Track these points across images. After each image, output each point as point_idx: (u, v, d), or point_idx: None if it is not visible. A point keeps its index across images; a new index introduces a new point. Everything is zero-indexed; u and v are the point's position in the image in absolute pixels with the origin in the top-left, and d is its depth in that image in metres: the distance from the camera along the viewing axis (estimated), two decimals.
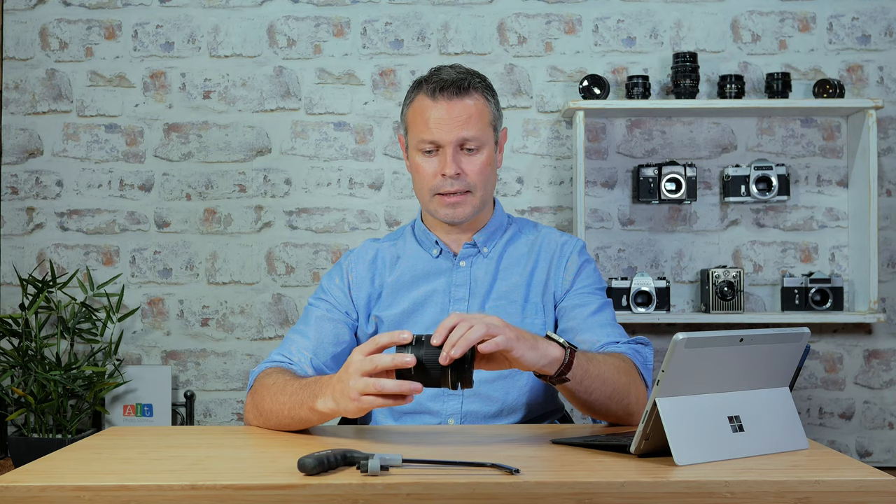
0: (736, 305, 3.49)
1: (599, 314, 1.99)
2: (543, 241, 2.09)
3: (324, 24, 3.66)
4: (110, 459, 1.51)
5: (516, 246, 2.08)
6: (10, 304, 3.63)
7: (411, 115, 2.00)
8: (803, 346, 1.57)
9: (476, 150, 1.96)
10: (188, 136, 3.66)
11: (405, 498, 1.30)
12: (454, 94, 1.95)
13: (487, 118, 1.98)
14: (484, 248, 2.05)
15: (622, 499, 1.30)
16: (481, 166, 1.97)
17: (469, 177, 1.96)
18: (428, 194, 1.99)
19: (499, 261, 2.05)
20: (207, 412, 3.65)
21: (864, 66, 3.64)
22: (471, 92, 1.96)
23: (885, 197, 3.62)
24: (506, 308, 2.01)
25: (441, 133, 1.94)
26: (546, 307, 2.02)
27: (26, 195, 3.66)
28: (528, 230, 2.12)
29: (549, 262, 2.05)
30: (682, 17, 3.66)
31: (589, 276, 2.06)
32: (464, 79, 1.96)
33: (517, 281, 2.03)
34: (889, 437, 3.64)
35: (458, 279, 2.04)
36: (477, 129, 1.95)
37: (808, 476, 1.33)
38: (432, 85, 1.96)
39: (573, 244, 2.08)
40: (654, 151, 3.65)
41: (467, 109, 1.95)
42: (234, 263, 3.65)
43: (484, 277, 2.03)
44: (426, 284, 2.04)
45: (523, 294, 2.02)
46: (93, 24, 3.66)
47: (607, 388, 1.74)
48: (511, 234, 2.09)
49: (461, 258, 2.05)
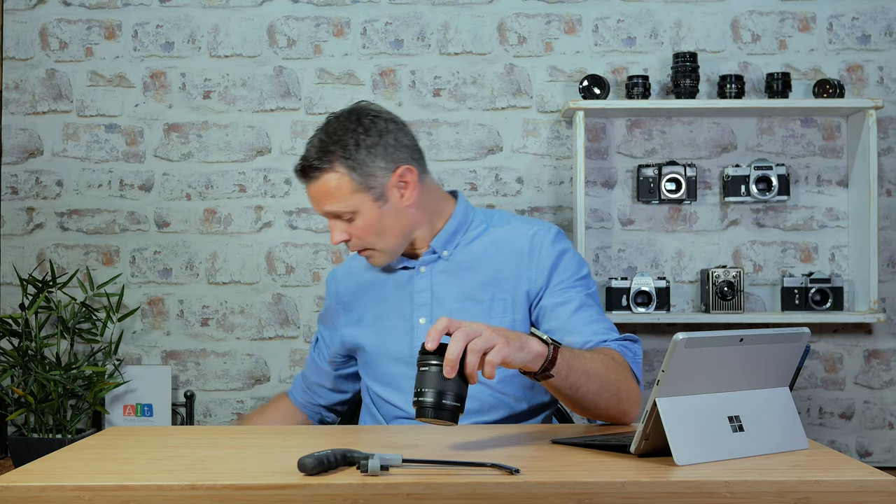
0: (736, 305, 3.49)
1: (583, 311, 1.96)
2: (511, 234, 2.05)
3: (324, 24, 3.66)
4: (110, 459, 1.51)
5: (481, 243, 2.05)
6: (10, 304, 3.63)
7: None
8: (803, 346, 1.57)
9: (351, 217, 1.97)
10: (188, 136, 3.66)
11: (405, 498, 1.30)
12: (306, 180, 1.97)
13: (346, 189, 1.95)
14: (444, 251, 2.04)
15: (622, 499, 1.30)
16: (365, 228, 1.97)
17: (358, 238, 1.99)
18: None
19: (462, 260, 2.04)
20: (207, 412, 3.65)
21: (864, 66, 3.64)
22: (322, 171, 1.95)
23: (885, 197, 3.62)
24: (471, 309, 1.99)
25: (314, 207, 2.00)
26: (517, 304, 1.99)
27: (26, 195, 3.66)
28: (498, 223, 2.08)
29: (517, 256, 2.02)
30: (682, 17, 3.66)
31: (566, 267, 2.01)
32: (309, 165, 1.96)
33: (482, 279, 2.01)
34: (889, 437, 3.64)
35: (420, 286, 2.03)
36: (335, 204, 1.96)
37: (808, 476, 1.33)
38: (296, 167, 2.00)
39: (543, 235, 2.03)
40: (654, 151, 3.65)
41: (321, 189, 1.96)
42: (234, 263, 3.65)
43: (446, 280, 2.03)
44: (391, 297, 2.06)
45: (489, 292, 2.00)
46: (93, 24, 3.66)
47: (594, 384, 1.73)
48: (477, 231, 2.06)
49: (421, 264, 2.05)
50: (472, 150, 3.64)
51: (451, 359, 1.51)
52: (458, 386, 1.51)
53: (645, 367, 3.64)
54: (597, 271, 3.63)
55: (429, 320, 2.00)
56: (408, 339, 2.02)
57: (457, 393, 1.51)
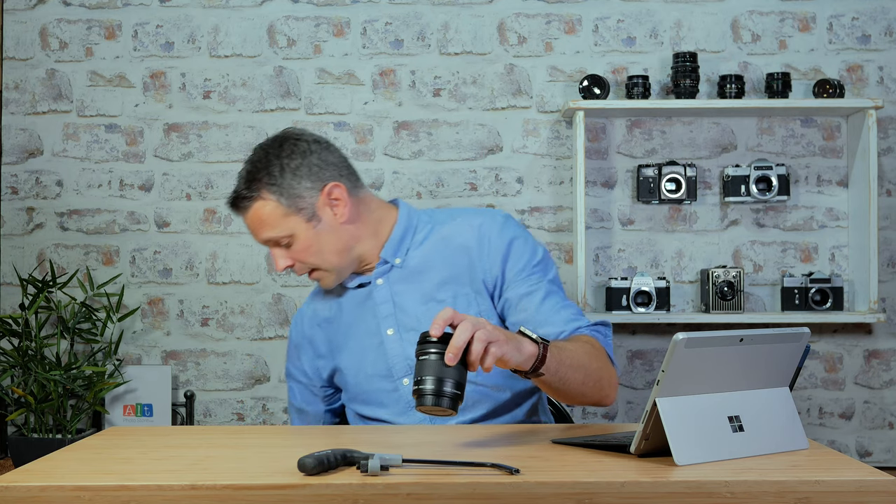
0: (736, 305, 3.49)
1: (550, 299, 1.96)
2: (459, 230, 2.04)
3: (324, 24, 3.66)
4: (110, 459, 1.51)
5: (431, 244, 2.05)
6: (10, 304, 3.63)
7: None
8: (803, 346, 1.57)
9: (289, 242, 1.98)
10: (188, 136, 3.66)
11: (405, 498, 1.30)
12: (238, 211, 2.00)
13: (277, 214, 1.96)
14: (395, 259, 2.04)
15: (622, 499, 1.30)
16: (305, 250, 1.98)
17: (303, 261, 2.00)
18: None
19: (416, 265, 2.04)
20: (207, 412, 3.65)
21: (864, 66, 3.64)
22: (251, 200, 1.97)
23: (885, 197, 3.62)
24: (435, 309, 1.98)
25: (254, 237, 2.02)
26: (479, 295, 1.99)
27: (26, 195, 3.66)
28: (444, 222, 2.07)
29: (469, 250, 2.02)
30: (682, 17, 3.66)
31: (520, 255, 2.01)
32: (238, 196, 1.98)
33: (439, 279, 2.01)
34: (889, 437, 3.64)
35: (380, 298, 2.03)
36: (270, 230, 1.98)
37: (808, 476, 1.33)
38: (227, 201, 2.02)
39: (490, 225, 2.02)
40: (654, 151, 3.65)
41: (254, 218, 1.98)
42: (234, 263, 3.65)
43: (404, 288, 2.02)
44: (357, 317, 2.06)
45: (450, 290, 2.00)
46: (93, 24, 3.66)
47: (580, 375, 1.76)
48: (424, 233, 2.06)
49: (376, 277, 2.04)
50: (472, 150, 3.64)
51: (456, 345, 1.52)
52: (458, 373, 1.52)
53: (645, 367, 3.65)
54: (597, 271, 3.63)
55: (396, 330, 2.00)
56: (381, 353, 2.02)
57: (456, 380, 1.51)
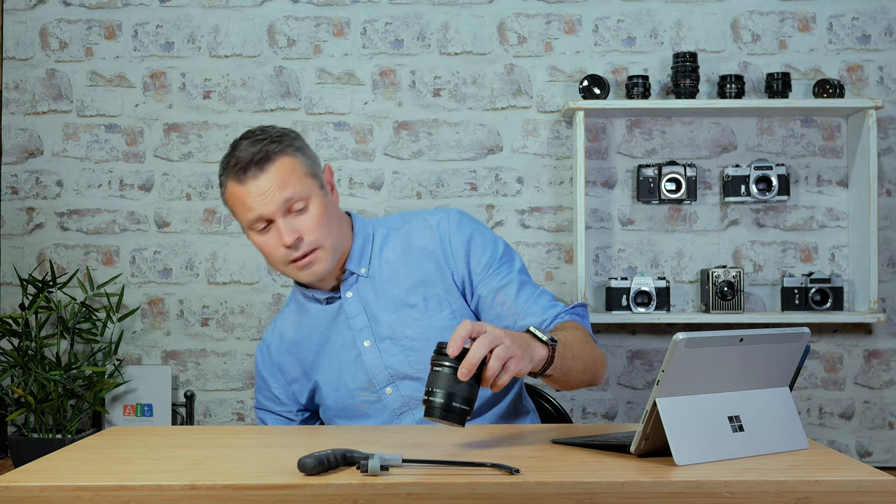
0: (736, 305, 3.49)
1: (524, 290, 1.96)
2: (416, 232, 2.03)
3: (324, 24, 3.66)
4: (110, 459, 1.51)
5: (392, 249, 2.04)
6: (10, 304, 3.63)
7: (230, 202, 1.97)
8: (803, 346, 1.57)
9: (304, 207, 1.93)
10: (188, 136, 3.66)
11: (405, 498, 1.30)
12: (258, 169, 1.91)
13: (300, 172, 1.93)
14: (360, 269, 2.03)
15: (622, 499, 1.30)
16: (316, 220, 1.93)
17: (310, 235, 1.93)
18: (281, 266, 1.98)
19: (381, 273, 2.02)
20: (207, 412, 3.65)
21: (864, 66, 3.64)
22: (272, 158, 1.92)
23: (885, 197, 3.62)
24: (409, 314, 1.98)
25: (263, 207, 1.91)
26: (450, 296, 1.99)
27: (26, 195, 3.66)
28: (398, 226, 2.06)
29: (431, 251, 2.01)
30: (682, 17, 3.66)
31: (483, 250, 2.01)
32: (259, 150, 1.92)
33: (407, 283, 2.00)
34: (889, 437, 3.64)
35: (352, 311, 2.02)
36: (294, 187, 1.92)
37: (808, 476, 1.33)
38: (236, 169, 1.92)
39: (446, 223, 2.02)
40: (654, 151, 3.65)
41: (278, 174, 1.91)
42: (234, 263, 3.65)
43: (374, 297, 2.01)
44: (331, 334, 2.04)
45: (420, 294, 1.99)
46: (93, 24, 3.66)
47: (580, 364, 1.78)
48: (381, 240, 2.05)
49: (345, 290, 2.03)
50: (472, 150, 3.64)
51: (471, 362, 1.50)
52: (470, 389, 1.51)
53: (645, 367, 3.65)
54: (597, 271, 3.63)
55: (373, 341, 1.99)
56: (359, 365, 2.01)
57: (467, 396, 1.51)
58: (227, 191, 1.95)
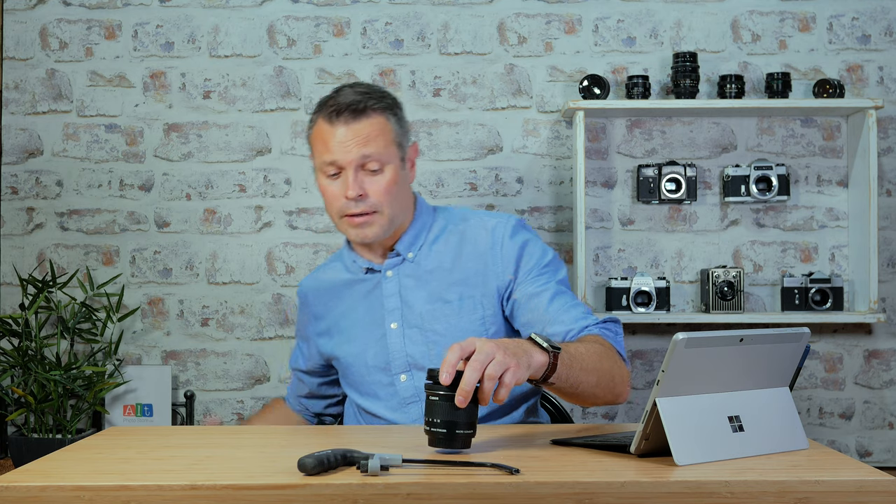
0: (736, 305, 3.49)
1: (558, 299, 1.96)
2: (472, 231, 2.05)
3: (324, 24, 3.66)
4: (110, 459, 1.51)
5: (444, 242, 2.05)
6: (10, 304, 3.63)
7: (313, 139, 2.00)
8: (803, 346, 1.57)
9: (379, 169, 1.95)
10: (188, 136, 3.66)
11: (405, 498, 1.30)
12: (351, 117, 1.94)
13: (389, 136, 1.96)
14: (409, 253, 2.04)
15: (622, 499, 1.30)
16: (386, 186, 1.95)
17: (373, 197, 1.95)
18: (336, 216, 2.00)
19: (427, 263, 2.03)
20: (207, 412, 3.65)
21: (864, 66, 3.64)
22: (368, 113, 1.95)
23: (885, 197, 3.62)
24: (441, 310, 1.99)
25: (341, 154, 1.94)
26: (486, 299, 1.99)
27: (26, 195, 3.66)
28: (456, 221, 2.08)
29: (481, 252, 2.02)
30: (682, 17, 3.66)
31: (532, 256, 2.01)
32: (361, 100, 1.95)
33: (449, 279, 2.01)
34: (889, 437, 3.64)
35: (388, 290, 2.03)
36: (376, 147, 1.94)
37: (808, 476, 1.33)
38: (330, 109, 1.96)
39: (504, 228, 2.03)
40: (654, 151, 3.65)
41: (365, 129, 1.94)
42: (234, 263, 3.65)
43: (413, 284, 2.02)
44: (361, 304, 2.06)
45: (457, 292, 2.00)
46: (93, 24, 3.66)
47: (592, 377, 1.75)
48: (437, 231, 2.06)
49: (387, 268, 2.04)
50: (472, 150, 3.64)
51: (465, 389, 1.48)
52: (469, 414, 1.50)
53: (645, 367, 3.64)
54: (597, 271, 3.63)
55: (400, 325, 2.00)
56: (382, 345, 2.02)
57: (468, 421, 1.50)
58: (315, 127, 2.00)
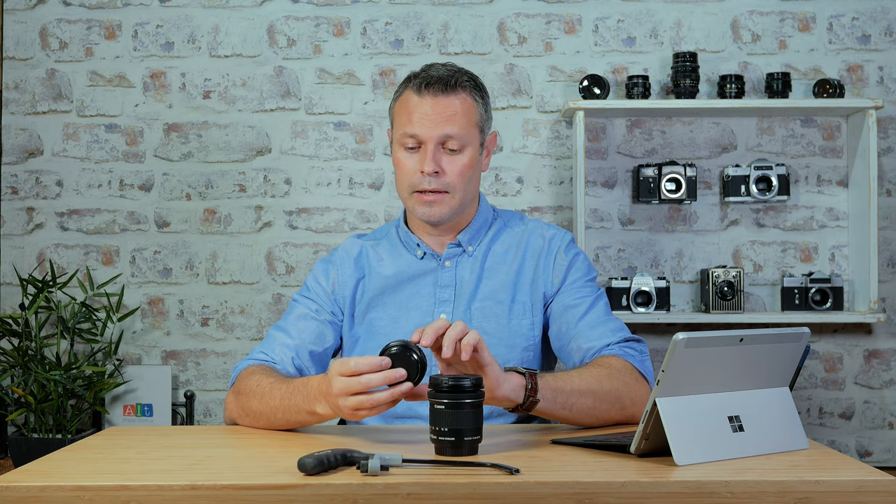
0: (736, 305, 3.49)
1: (591, 313, 1.96)
2: (531, 236, 2.05)
3: (324, 24, 3.66)
4: (110, 459, 1.51)
5: (502, 243, 2.05)
6: (10, 304, 3.63)
7: (397, 109, 1.98)
8: (803, 346, 1.57)
9: (458, 150, 1.94)
10: (188, 136, 3.66)
11: (405, 498, 1.30)
12: (440, 91, 1.92)
13: (473, 118, 1.95)
14: (469, 246, 2.03)
15: (622, 499, 1.30)
16: (462, 167, 1.94)
17: (448, 177, 1.93)
18: (407, 191, 1.97)
19: (484, 259, 2.03)
20: (207, 412, 3.65)
21: (864, 66, 3.64)
22: (458, 90, 1.94)
23: (885, 197, 3.62)
24: (493, 309, 1.99)
25: (423, 128, 1.92)
26: (535, 307, 2.00)
27: (26, 195, 3.66)
28: (515, 224, 2.08)
29: (536, 259, 2.02)
30: (682, 17, 3.66)
31: (578, 270, 2.02)
32: (452, 76, 1.94)
33: (503, 280, 2.01)
34: (889, 437, 3.64)
35: (444, 280, 2.01)
36: (460, 127, 1.93)
37: (808, 476, 1.33)
38: (420, 80, 1.94)
39: (561, 239, 2.05)
40: (654, 151, 3.65)
41: (452, 107, 1.93)
42: (234, 263, 3.65)
43: (469, 278, 2.01)
44: (411, 287, 2.02)
45: (510, 294, 2.00)
46: (93, 24, 3.66)
47: (588, 400, 1.73)
48: (496, 229, 2.06)
49: (446, 258, 2.02)
50: None
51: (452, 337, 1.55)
52: (475, 419, 1.50)
53: None
54: (597, 271, 3.63)
55: (450, 316, 1.98)
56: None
57: (474, 426, 1.50)
58: (401, 97, 1.97)
